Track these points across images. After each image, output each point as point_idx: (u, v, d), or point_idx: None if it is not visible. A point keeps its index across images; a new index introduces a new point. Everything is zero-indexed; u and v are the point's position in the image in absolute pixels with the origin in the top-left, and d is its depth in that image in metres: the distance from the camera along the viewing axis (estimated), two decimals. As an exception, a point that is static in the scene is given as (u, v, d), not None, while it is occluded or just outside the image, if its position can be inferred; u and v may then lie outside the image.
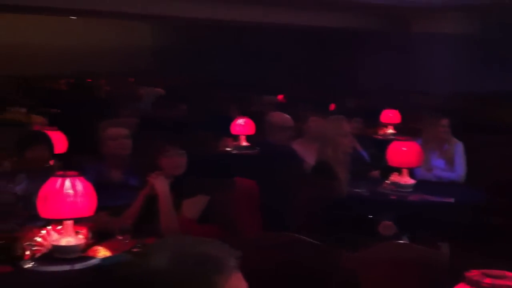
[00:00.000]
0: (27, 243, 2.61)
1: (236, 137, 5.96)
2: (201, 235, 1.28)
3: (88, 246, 2.68)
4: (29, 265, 2.51)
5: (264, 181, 3.65)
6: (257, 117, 5.82)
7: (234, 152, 5.78)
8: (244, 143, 5.91)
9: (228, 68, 13.17)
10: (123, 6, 9.37)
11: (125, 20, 12.81)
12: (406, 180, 3.99)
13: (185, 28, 13.92)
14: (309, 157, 4.39)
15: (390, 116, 6.99)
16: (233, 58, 13.38)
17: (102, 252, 2.66)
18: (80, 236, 2.66)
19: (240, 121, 5.97)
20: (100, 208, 2.82)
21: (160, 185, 3.00)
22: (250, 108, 7.05)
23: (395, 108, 7.03)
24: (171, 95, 8.85)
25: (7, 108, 5.64)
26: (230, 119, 6.09)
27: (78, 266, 2.51)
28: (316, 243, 2.51)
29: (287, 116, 4.73)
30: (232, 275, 1.20)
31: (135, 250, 2.64)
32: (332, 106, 8.12)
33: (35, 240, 2.63)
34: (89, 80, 8.34)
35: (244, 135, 5.94)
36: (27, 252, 2.58)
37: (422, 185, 4.02)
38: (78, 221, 2.68)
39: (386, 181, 4.01)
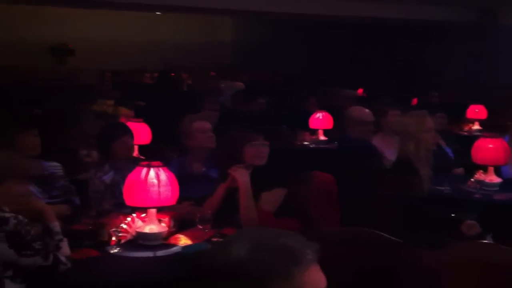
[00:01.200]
0: (114, 229, 2.74)
1: (314, 131, 5.95)
2: (278, 228, 1.29)
3: (170, 234, 2.78)
4: (114, 250, 2.63)
5: (342, 176, 3.62)
6: (335, 111, 5.77)
7: (312, 146, 5.77)
8: (322, 137, 5.89)
9: (307, 62, 13.12)
10: (205, 2, 9.57)
11: (207, 15, 13.07)
12: (492, 178, 3.82)
13: (265, 22, 14.00)
14: (389, 152, 4.30)
15: (476, 112, 6.72)
16: (312, 52, 13.30)
17: (183, 240, 2.75)
18: (163, 224, 2.76)
19: (319, 115, 5.95)
20: (182, 198, 2.91)
21: (242, 177, 3.04)
22: (328, 102, 7.00)
23: (481, 103, 6.75)
24: (251, 89, 8.94)
25: (97, 100, 5.93)
26: (309, 113, 6.08)
27: (160, 253, 2.60)
28: (396, 240, 2.46)
29: (367, 110, 4.66)
30: (310, 267, 1.21)
31: (214, 239, 2.71)
32: (415, 101, 7.90)
33: (121, 226, 2.75)
34: (172, 74, 8.59)
35: (322, 129, 5.92)
36: (113, 238, 2.71)
37: (509, 184, 3.84)
38: (161, 210, 2.79)
39: (471, 179, 3.87)
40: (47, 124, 5.21)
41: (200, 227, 2.81)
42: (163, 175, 2.73)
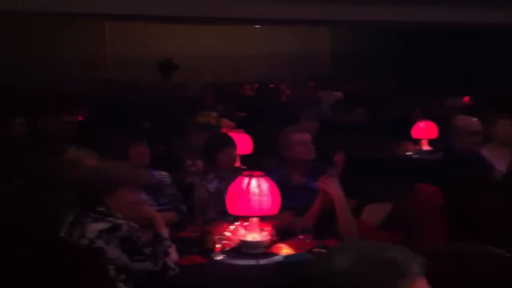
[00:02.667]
0: (218, 237, 2.83)
1: (417, 141, 5.77)
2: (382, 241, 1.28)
3: (272, 243, 2.82)
4: (219, 257, 2.71)
5: (449, 189, 3.48)
6: (440, 121, 5.57)
7: (415, 156, 5.60)
8: (426, 148, 5.70)
9: (409, 71, 12.77)
10: (303, 13, 9.63)
11: (305, 26, 13.14)
12: None
13: (364, 32, 13.82)
14: (500, 164, 4.08)
15: None
16: (413, 61, 12.93)
17: (285, 250, 2.78)
18: (265, 233, 2.80)
19: (422, 124, 5.77)
20: (283, 208, 2.95)
21: (333, 189, 3.03)
22: (432, 111, 6.76)
23: None
24: (350, 98, 8.85)
25: (201, 112, 6.16)
26: (411, 123, 5.91)
27: (262, 261, 2.65)
28: (507, 256, 2.33)
29: (474, 119, 4.45)
30: (417, 281, 1.18)
31: (316, 250, 2.71)
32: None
33: (225, 234, 2.84)
34: (271, 85, 8.72)
35: (426, 139, 5.73)
36: (218, 245, 2.79)
37: None
38: (263, 219, 2.84)
39: None
40: (155, 135, 5.47)
41: (301, 237, 2.82)
42: (264, 184, 2.78)
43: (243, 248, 2.74)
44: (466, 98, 8.73)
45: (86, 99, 8.20)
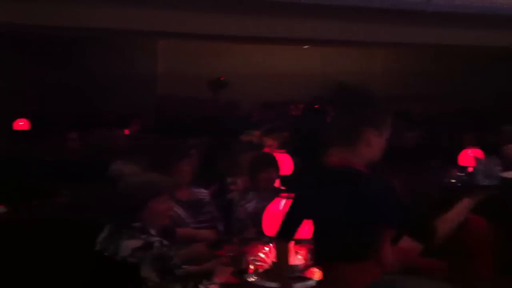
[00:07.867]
0: (252, 258, 2.79)
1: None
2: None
3: (307, 267, 2.76)
4: (252, 279, 2.67)
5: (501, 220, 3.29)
6: None
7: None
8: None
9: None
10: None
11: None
12: None
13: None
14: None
15: None
16: None
17: (318, 274, 2.71)
18: (299, 257, 2.75)
19: None
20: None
21: None
22: None
23: None
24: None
25: (245, 131, 6.14)
26: None
27: (296, 285, 2.58)
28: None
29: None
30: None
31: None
32: None
33: (259, 255, 2.79)
34: (316, 106, 8.61)
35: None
36: (251, 267, 2.75)
37: None
38: (298, 242, 2.78)
39: None
40: (201, 152, 5.47)
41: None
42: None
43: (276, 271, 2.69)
44: None
45: (138, 115, 8.38)
